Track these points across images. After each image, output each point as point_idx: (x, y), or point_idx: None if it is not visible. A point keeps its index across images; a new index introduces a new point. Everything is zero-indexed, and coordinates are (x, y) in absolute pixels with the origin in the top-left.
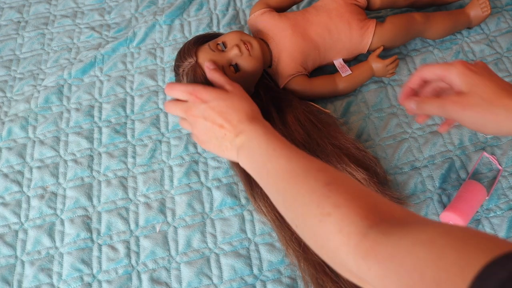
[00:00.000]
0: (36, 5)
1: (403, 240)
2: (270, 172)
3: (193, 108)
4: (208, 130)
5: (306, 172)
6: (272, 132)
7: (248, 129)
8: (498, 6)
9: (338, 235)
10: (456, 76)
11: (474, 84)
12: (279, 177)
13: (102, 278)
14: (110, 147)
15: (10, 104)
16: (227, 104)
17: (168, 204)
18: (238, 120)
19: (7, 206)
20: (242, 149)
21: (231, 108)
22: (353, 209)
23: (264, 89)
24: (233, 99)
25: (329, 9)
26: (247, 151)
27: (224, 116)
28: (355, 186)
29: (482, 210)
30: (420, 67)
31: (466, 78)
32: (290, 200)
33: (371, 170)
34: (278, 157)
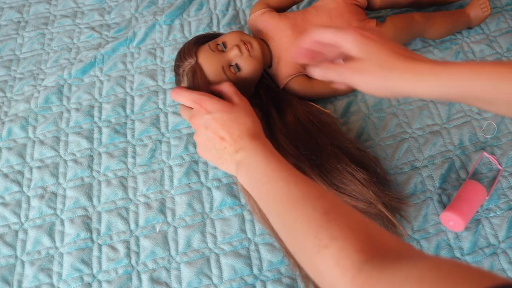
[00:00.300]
0: (36, 5)
1: (396, 276)
2: (269, 193)
3: (197, 116)
4: (208, 141)
5: (305, 199)
6: (272, 151)
7: (249, 146)
8: (498, 6)
9: (335, 268)
10: (351, 43)
11: (369, 50)
12: (278, 200)
13: (102, 278)
14: (110, 147)
15: (10, 104)
16: (230, 117)
17: (168, 204)
18: (239, 134)
19: (7, 206)
20: (241, 165)
21: (234, 121)
22: (349, 242)
23: (264, 89)
24: (238, 113)
25: (329, 9)
26: (246, 168)
27: (226, 129)
28: (352, 216)
29: (482, 210)
30: (315, 28)
31: (361, 45)
32: (288, 226)
33: (371, 170)
34: (277, 180)
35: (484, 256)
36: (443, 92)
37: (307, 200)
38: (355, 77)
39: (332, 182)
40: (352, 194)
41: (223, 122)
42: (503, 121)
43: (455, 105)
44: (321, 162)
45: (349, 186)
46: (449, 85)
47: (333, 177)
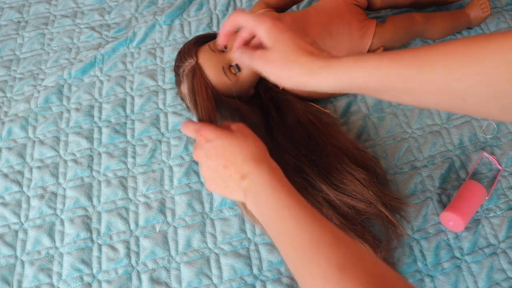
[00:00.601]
0: (36, 5)
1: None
2: (279, 232)
3: (198, 147)
4: (212, 171)
5: (318, 247)
6: (279, 178)
7: (254, 171)
8: (498, 6)
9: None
10: (264, 32)
11: (278, 41)
12: (288, 243)
13: (102, 278)
14: (110, 147)
15: (10, 104)
16: (231, 143)
17: (168, 204)
18: (242, 160)
19: (7, 206)
20: (249, 192)
21: (235, 147)
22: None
23: (264, 89)
24: (238, 138)
25: (329, 9)
26: (254, 197)
27: (228, 155)
28: (368, 268)
29: (482, 210)
30: (237, 11)
31: (272, 35)
32: (300, 272)
33: (371, 170)
34: (287, 218)
35: (484, 256)
36: (336, 84)
37: (320, 249)
38: (262, 65)
39: (332, 182)
40: (352, 194)
41: (223, 149)
42: (503, 121)
43: None
44: (321, 162)
45: (349, 186)
46: (340, 77)
47: (333, 177)
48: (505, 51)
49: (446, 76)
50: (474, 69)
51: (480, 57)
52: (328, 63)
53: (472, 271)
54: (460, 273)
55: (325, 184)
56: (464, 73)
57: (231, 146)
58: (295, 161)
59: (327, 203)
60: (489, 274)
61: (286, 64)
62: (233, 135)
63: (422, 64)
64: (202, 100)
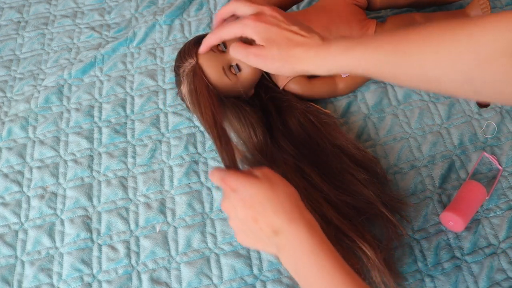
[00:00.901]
0: (36, 5)
1: None
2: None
3: (225, 198)
4: (241, 223)
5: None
6: (315, 235)
7: (288, 228)
8: (498, 6)
9: None
10: (253, 34)
11: (268, 40)
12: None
13: (102, 278)
14: (110, 147)
15: (10, 104)
16: (258, 193)
17: (168, 204)
18: (273, 213)
19: (7, 206)
20: (283, 250)
21: (263, 197)
22: None
23: (264, 89)
24: (265, 187)
25: (329, 9)
26: (289, 254)
27: (256, 208)
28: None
29: (482, 210)
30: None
31: (262, 34)
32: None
33: (371, 170)
34: (326, 281)
35: (484, 256)
36: (327, 70)
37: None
38: (261, 62)
39: (332, 182)
40: (352, 194)
41: (251, 200)
42: (503, 121)
43: (455, 105)
44: (321, 162)
45: (349, 186)
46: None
47: (333, 177)
48: (474, 39)
49: (422, 63)
50: (447, 56)
51: (452, 44)
52: (318, 53)
53: (472, 271)
54: (460, 273)
55: (325, 184)
56: (438, 60)
57: (258, 197)
58: (295, 161)
59: (327, 203)
60: (489, 274)
61: (282, 59)
62: (259, 183)
63: (402, 53)
64: (204, 100)
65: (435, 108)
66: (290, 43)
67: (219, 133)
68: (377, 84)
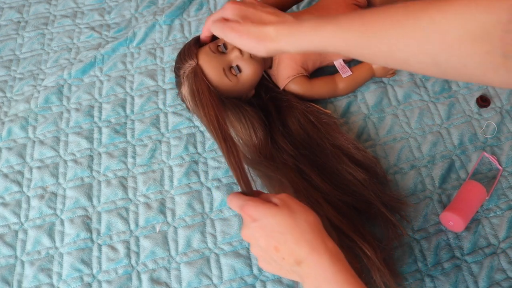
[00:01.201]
0: (36, 5)
1: None
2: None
3: (245, 227)
4: (263, 252)
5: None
6: (338, 264)
7: (311, 259)
8: None
9: None
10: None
11: (245, 16)
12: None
13: (102, 278)
14: (110, 147)
15: (10, 104)
16: (278, 222)
17: (168, 204)
18: (295, 243)
19: (7, 206)
20: (307, 279)
21: (284, 226)
22: None
23: (265, 89)
24: (285, 215)
25: (329, 9)
26: (313, 284)
27: (277, 238)
28: None
29: (482, 210)
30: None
31: (238, 12)
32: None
33: (371, 170)
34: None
35: (484, 256)
36: (299, 48)
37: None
38: (236, 37)
39: (332, 182)
40: (352, 194)
41: (271, 229)
42: (503, 121)
43: (455, 105)
44: (321, 162)
45: (349, 186)
46: (301, 43)
47: (333, 177)
48: (437, 22)
49: (390, 46)
50: (414, 40)
51: (416, 27)
52: (291, 31)
53: (472, 271)
54: (460, 273)
55: (325, 184)
56: (405, 43)
57: (279, 226)
58: (295, 162)
59: (327, 203)
60: (489, 274)
61: (257, 37)
62: (279, 212)
63: (370, 34)
64: (206, 100)
65: (435, 108)
66: (264, 22)
67: (224, 134)
68: (377, 84)
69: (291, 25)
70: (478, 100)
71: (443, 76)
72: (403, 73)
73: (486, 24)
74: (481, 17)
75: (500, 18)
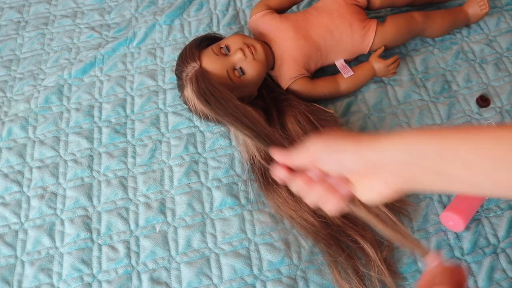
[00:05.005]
0: (36, 5)
1: None
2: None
3: None
4: None
5: None
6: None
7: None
8: (498, 6)
9: None
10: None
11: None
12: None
13: (102, 278)
14: (110, 147)
15: (10, 104)
16: None
17: (168, 204)
18: None
19: (7, 206)
20: None
21: None
22: None
23: (267, 90)
24: None
25: (330, 10)
26: None
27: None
28: None
29: (482, 210)
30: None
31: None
32: None
33: None
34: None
35: (484, 256)
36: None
37: None
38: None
39: None
40: None
41: None
42: (503, 121)
43: (455, 105)
44: None
45: None
46: (372, 158)
47: None
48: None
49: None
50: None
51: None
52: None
53: (472, 271)
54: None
55: None
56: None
57: None
58: None
59: None
60: (489, 274)
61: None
62: None
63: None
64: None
65: (435, 108)
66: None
67: (252, 117)
68: (377, 84)
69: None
70: (478, 100)
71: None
72: (403, 73)
73: None
74: None
75: None
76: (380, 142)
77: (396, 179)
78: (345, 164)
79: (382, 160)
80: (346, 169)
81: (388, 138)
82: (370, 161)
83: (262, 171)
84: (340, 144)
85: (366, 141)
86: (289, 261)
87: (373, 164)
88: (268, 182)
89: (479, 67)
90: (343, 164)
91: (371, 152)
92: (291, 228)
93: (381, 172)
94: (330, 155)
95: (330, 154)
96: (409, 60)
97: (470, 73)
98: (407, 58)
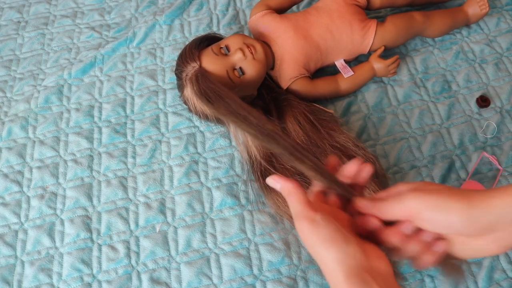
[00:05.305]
0: (36, 5)
1: None
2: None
3: None
4: None
5: None
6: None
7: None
8: (498, 6)
9: None
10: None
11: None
12: None
13: (102, 278)
14: (110, 147)
15: (10, 104)
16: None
17: (168, 204)
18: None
19: (7, 206)
20: None
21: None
22: None
23: (267, 90)
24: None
25: (330, 10)
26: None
27: (312, 252)
28: None
29: None
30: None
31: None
32: None
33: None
34: None
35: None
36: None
37: None
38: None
39: None
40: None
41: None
42: (503, 121)
43: (455, 105)
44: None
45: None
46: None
47: None
48: None
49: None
50: None
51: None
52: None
53: (472, 271)
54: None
55: None
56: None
57: (314, 243)
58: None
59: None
60: (489, 274)
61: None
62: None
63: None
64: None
65: (435, 108)
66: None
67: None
68: (377, 84)
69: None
70: (478, 100)
71: None
72: (403, 73)
73: None
74: None
75: None
76: (493, 201)
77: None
78: (453, 225)
79: (498, 221)
80: (452, 230)
81: (500, 197)
82: (484, 222)
83: (262, 171)
84: (447, 202)
85: (477, 200)
86: (289, 261)
87: (488, 225)
88: None
89: (479, 67)
90: (450, 226)
91: (485, 213)
92: (291, 228)
93: (496, 233)
94: (434, 214)
95: (434, 213)
96: (409, 60)
97: (470, 73)
98: (407, 58)
